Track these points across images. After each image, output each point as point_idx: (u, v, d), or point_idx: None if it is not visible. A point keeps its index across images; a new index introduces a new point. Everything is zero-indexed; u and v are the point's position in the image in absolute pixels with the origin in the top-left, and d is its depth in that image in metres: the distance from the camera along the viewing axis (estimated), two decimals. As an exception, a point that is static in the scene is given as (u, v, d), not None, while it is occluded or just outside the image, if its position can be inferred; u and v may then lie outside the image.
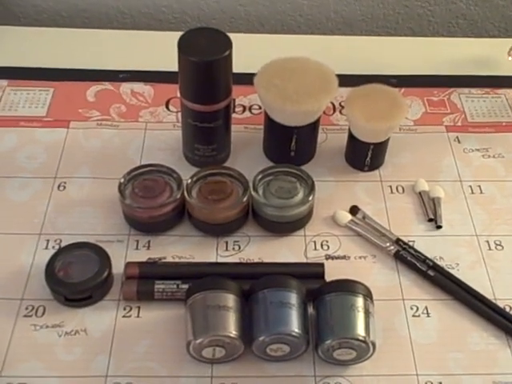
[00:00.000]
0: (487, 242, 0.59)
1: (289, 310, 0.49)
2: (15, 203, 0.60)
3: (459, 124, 0.70)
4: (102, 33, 0.81)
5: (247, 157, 0.65)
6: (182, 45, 0.56)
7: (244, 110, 0.71)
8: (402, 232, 0.59)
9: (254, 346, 0.49)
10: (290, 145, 0.62)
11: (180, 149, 0.65)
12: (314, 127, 0.63)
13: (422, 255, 0.57)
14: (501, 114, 0.71)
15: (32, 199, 0.61)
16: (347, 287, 0.50)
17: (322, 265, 0.56)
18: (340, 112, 0.71)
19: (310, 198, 0.58)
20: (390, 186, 0.64)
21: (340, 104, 0.71)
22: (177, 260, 0.57)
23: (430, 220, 0.61)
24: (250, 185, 0.58)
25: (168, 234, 0.59)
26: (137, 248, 0.58)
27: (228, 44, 0.56)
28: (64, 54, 0.76)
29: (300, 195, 0.58)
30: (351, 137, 0.63)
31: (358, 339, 0.48)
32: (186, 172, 0.60)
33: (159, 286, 0.53)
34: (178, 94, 0.60)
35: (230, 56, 0.56)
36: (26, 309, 0.53)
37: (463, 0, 0.87)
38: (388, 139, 0.63)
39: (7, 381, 0.49)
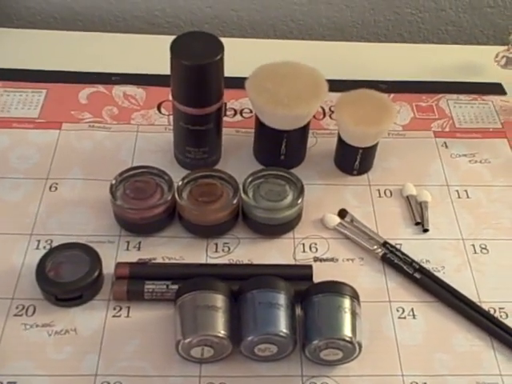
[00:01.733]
0: (473, 245, 0.60)
1: (277, 310, 0.50)
2: (7, 203, 0.61)
3: (447, 129, 0.71)
4: (96, 35, 0.82)
5: (238, 160, 0.66)
6: (175, 48, 0.56)
7: (235, 114, 0.71)
8: (390, 235, 0.60)
9: (242, 345, 0.50)
10: (280, 148, 0.63)
11: (171, 151, 0.66)
12: (304, 131, 0.64)
13: (409, 258, 0.58)
14: (488, 121, 0.73)
15: (24, 200, 0.61)
16: (334, 288, 0.51)
17: (310, 267, 0.57)
18: (330, 116, 0.72)
19: (299, 201, 0.58)
20: (379, 190, 0.64)
21: (330, 109, 0.72)
22: (167, 261, 0.57)
23: (417, 223, 0.62)
24: (240, 187, 0.59)
25: (158, 236, 0.59)
26: (127, 249, 0.58)
27: (220, 48, 0.56)
28: (57, 56, 0.76)
29: (289, 198, 0.59)
30: (340, 141, 0.64)
31: (344, 340, 0.49)
32: (177, 174, 0.60)
33: (149, 286, 0.54)
34: (170, 97, 0.61)
35: (221, 60, 0.57)
36: (17, 308, 0.54)
37: (452, 7, 0.88)
38: (377, 144, 0.64)
39: (-3, 379, 0.50)
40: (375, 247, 0.59)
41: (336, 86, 0.62)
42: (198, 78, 0.57)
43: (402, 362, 0.52)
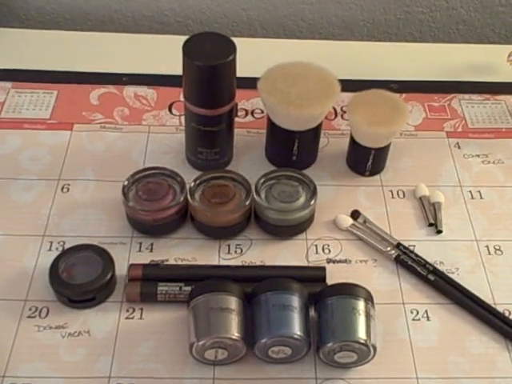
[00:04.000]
0: (487, 246, 0.60)
1: (291, 312, 0.50)
2: (19, 205, 0.61)
3: (459, 130, 0.71)
4: (106, 36, 0.82)
5: (249, 161, 0.66)
6: (187, 49, 0.56)
7: (246, 114, 0.71)
8: (403, 236, 0.60)
9: (256, 348, 0.50)
10: (292, 149, 0.63)
11: (183, 152, 0.65)
12: (316, 132, 0.63)
13: (423, 259, 0.58)
14: (501, 120, 0.72)
15: (36, 201, 0.61)
16: (349, 290, 0.51)
17: (323, 268, 0.56)
18: (341, 117, 0.71)
19: (312, 203, 0.58)
20: (391, 191, 0.64)
21: (341, 109, 0.72)
22: (179, 262, 0.57)
23: (431, 225, 0.61)
24: (253, 188, 0.59)
25: (171, 237, 0.59)
26: (140, 250, 0.58)
27: (232, 48, 0.56)
28: (68, 56, 0.76)
29: (302, 199, 0.58)
30: (353, 141, 0.64)
31: (358, 342, 0.49)
32: (189, 175, 0.60)
33: (162, 288, 0.54)
34: (181, 98, 0.60)
35: (234, 60, 0.56)
36: (30, 310, 0.54)
37: (464, 6, 0.87)
38: (389, 144, 0.64)
39: (11, 381, 0.50)
40: (388, 249, 0.59)
41: (346, 85, 0.62)
42: (210, 79, 0.57)
43: (417, 364, 0.52)
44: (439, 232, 0.61)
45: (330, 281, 0.55)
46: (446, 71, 0.78)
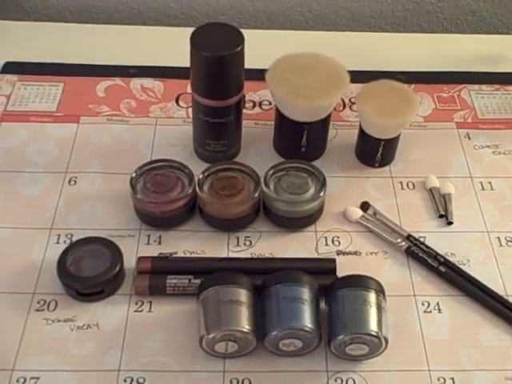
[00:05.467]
0: (498, 238, 0.59)
1: (301, 305, 0.49)
2: (26, 198, 0.61)
3: (469, 120, 0.70)
4: (111, 28, 0.81)
5: (257, 152, 0.65)
6: (195, 40, 0.55)
7: (254, 106, 0.71)
8: (413, 228, 0.59)
9: (266, 340, 0.49)
10: (300, 141, 0.62)
11: (190, 144, 0.65)
12: (324, 123, 0.63)
13: (433, 251, 0.57)
14: (511, 111, 0.71)
15: (43, 194, 0.61)
16: (359, 282, 0.50)
17: (333, 260, 0.56)
18: (350, 108, 0.71)
19: (322, 194, 0.57)
20: (401, 182, 0.64)
21: (350, 100, 0.71)
22: (188, 255, 0.57)
23: (441, 216, 0.61)
24: (262, 180, 0.58)
25: (179, 229, 0.59)
26: (148, 243, 0.58)
27: (240, 39, 0.56)
28: (73, 49, 0.76)
29: (311, 191, 0.58)
30: (362, 133, 0.63)
31: (370, 334, 0.48)
32: (197, 167, 0.59)
33: (171, 280, 0.53)
34: (189, 90, 0.60)
35: (242, 51, 0.56)
36: (38, 303, 0.53)
37: (472, -4, 0.87)
38: (399, 135, 0.63)
39: (20, 375, 0.49)
40: (399, 240, 0.58)
41: (354, 76, 0.61)
42: (218, 70, 0.56)
43: (429, 356, 0.51)
44: (450, 223, 0.60)
45: (339, 273, 0.55)
46: (455, 62, 0.77)
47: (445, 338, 0.53)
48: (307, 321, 0.49)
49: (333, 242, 0.59)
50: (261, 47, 0.66)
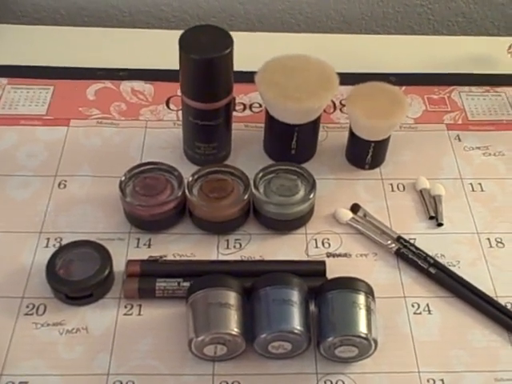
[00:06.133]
0: (488, 239, 0.59)
1: (290, 307, 0.49)
2: (16, 201, 0.60)
3: (460, 122, 0.70)
4: (102, 31, 0.81)
5: (248, 155, 0.65)
6: (183, 42, 0.55)
7: (244, 108, 0.71)
8: (403, 230, 0.59)
9: (255, 343, 0.49)
10: (290, 143, 0.62)
11: (181, 147, 0.65)
12: (314, 125, 0.63)
13: (423, 253, 0.57)
14: (501, 112, 0.71)
15: (32, 197, 0.61)
16: (349, 284, 0.50)
17: (323, 262, 0.56)
18: (340, 110, 0.71)
19: (311, 196, 0.57)
20: (391, 184, 0.64)
21: (340, 102, 0.71)
22: (178, 258, 0.57)
23: (431, 218, 0.61)
24: (251, 182, 0.58)
25: (169, 232, 0.58)
26: (137, 246, 0.58)
27: (229, 42, 0.56)
28: (64, 52, 0.76)
29: (301, 193, 0.58)
30: (352, 135, 0.63)
31: (359, 336, 0.48)
32: (187, 170, 0.59)
33: (160, 283, 0.53)
34: (179, 92, 0.60)
35: (231, 54, 0.56)
36: (27, 307, 0.53)
37: (463, -2, 0.87)
38: (389, 137, 0.63)
39: (9, 379, 0.49)
40: (389, 242, 0.58)
41: (345, 79, 0.61)
42: (207, 72, 0.56)
43: (419, 358, 0.51)
44: (440, 225, 0.60)
45: (330, 275, 0.55)
46: (446, 63, 0.77)
47: (434, 340, 0.53)
48: (296, 323, 0.48)
49: (323, 244, 0.58)
50: (252, 49, 0.66)
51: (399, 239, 0.58)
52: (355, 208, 0.61)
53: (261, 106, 0.70)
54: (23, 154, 0.64)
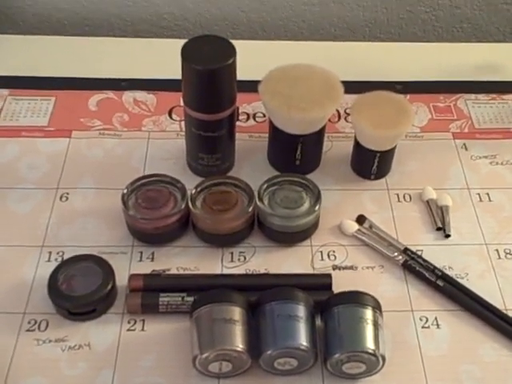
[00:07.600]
0: (497, 250, 0.58)
1: (296, 322, 0.48)
2: (17, 215, 0.60)
3: (466, 130, 0.69)
4: (104, 41, 0.81)
5: (252, 166, 0.65)
6: (186, 53, 0.55)
7: (248, 118, 0.70)
8: (410, 241, 0.58)
9: (261, 360, 0.48)
10: (295, 153, 0.62)
11: (184, 158, 0.64)
12: (319, 135, 0.62)
13: (431, 265, 0.56)
14: (508, 120, 0.71)
15: (34, 210, 0.60)
16: (356, 299, 0.49)
17: (329, 276, 0.55)
18: (345, 119, 0.70)
19: (317, 208, 0.57)
20: (397, 195, 0.63)
21: (345, 111, 0.71)
22: (181, 272, 0.56)
23: (439, 229, 0.60)
24: (256, 194, 0.57)
25: (172, 245, 0.58)
26: (140, 260, 0.57)
27: (232, 51, 0.55)
28: (65, 62, 0.75)
29: (306, 205, 0.57)
30: (357, 145, 0.62)
31: (367, 352, 0.47)
32: (190, 182, 0.59)
33: (164, 298, 0.52)
34: (182, 103, 0.59)
35: (234, 64, 0.55)
36: (29, 323, 0.52)
37: (468, 5, 0.86)
38: (395, 147, 0.62)
39: (10, 397, 0.48)
40: (395, 254, 0.57)
41: (349, 87, 0.60)
42: (209, 83, 0.55)
43: (427, 373, 0.50)
44: (447, 236, 0.59)
45: (336, 288, 0.54)
46: (451, 71, 0.77)
47: (444, 354, 0.51)
48: (303, 339, 0.48)
49: (328, 256, 0.58)
50: (255, 58, 0.65)
51: (406, 251, 0.57)
52: (361, 219, 0.60)
53: (264, 115, 0.69)
54: (24, 166, 0.64)
